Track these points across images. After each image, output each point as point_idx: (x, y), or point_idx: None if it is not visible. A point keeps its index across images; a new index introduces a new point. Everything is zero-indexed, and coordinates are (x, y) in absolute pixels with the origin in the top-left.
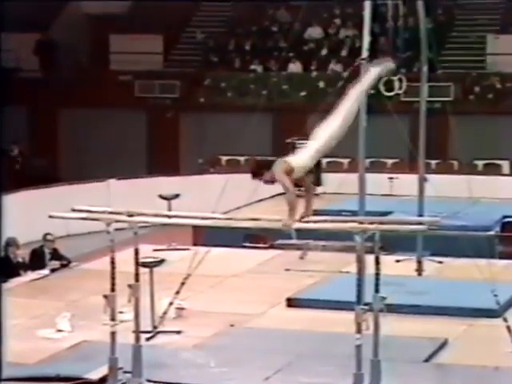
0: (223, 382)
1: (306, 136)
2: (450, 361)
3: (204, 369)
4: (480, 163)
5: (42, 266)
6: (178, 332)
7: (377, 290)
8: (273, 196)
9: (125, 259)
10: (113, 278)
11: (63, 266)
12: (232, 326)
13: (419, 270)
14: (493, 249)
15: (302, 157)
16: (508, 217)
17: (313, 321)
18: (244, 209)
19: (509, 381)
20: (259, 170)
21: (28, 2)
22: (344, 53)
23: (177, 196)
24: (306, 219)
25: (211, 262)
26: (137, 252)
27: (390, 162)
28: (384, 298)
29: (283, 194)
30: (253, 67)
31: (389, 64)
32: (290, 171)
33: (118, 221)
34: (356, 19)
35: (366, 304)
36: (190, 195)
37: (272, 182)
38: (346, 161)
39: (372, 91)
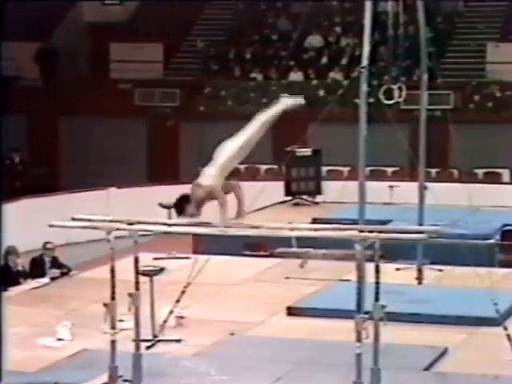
0: None
1: (305, 144)
2: (450, 369)
3: (204, 377)
4: (480, 172)
5: (42, 275)
6: (178, 340)
7: (377, 299)
8: (273, 204)
9: (125, 268)
10: (113, 286)
11: (63, 275)
12: (232, 334)
13: (419, 279)
14: (493, 257)
15: (209, 177)
16: (508, 225)
17: (313, 329)
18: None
19: None
20: (180, 206)
21: (29, 11)
22: (344, 61)
23: None
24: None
25: (211, 270)
26: (137, 260)
27: (390, 170)
28: (384, 307)
29: (283, 202)
30: (253, 75)
31: (299, 100)
32: (209, 193)
33: (118, 229)
34: (356, 28)
35: (366, 312)
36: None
37: (196, 215)
38: (345, 169)
39: (372, 100)
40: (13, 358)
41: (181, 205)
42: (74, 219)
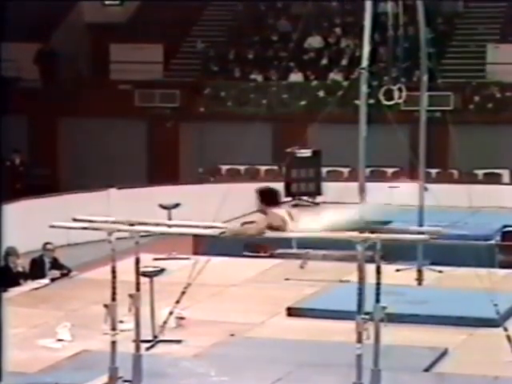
0: None
1: (305, 145)
2: (450, 370)
3: (204, 378)
4: (480, 172)
5: (42, 276)
6: (178, 341)
7: (377, 300)
8: None
9: (125, 268)
10: (113, 287)
11: (63, 276)
12: (232, 335)
13: (419, 280)
14: (493, 258)
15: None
16: (508, 226)
17: (313, 330)
18: (244, 218)
19: None
20: (265, 198)
21: (29, 11)
22: (344, 62)
23: (177, 205)
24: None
25: (211, 271)
26: (137, 261)
27: (390, 171)
28: (384, 308)
29: (283, 203)
30: (253, 76)
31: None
32: (276, 227)
33: (118, 230)
34: (356, 29)
35: (366, 313)
36: (190, 204)
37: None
38: (346, 170)
39: (372, 101)
40: (13, 359)
41: (266, 197)
42: (74, 220)
